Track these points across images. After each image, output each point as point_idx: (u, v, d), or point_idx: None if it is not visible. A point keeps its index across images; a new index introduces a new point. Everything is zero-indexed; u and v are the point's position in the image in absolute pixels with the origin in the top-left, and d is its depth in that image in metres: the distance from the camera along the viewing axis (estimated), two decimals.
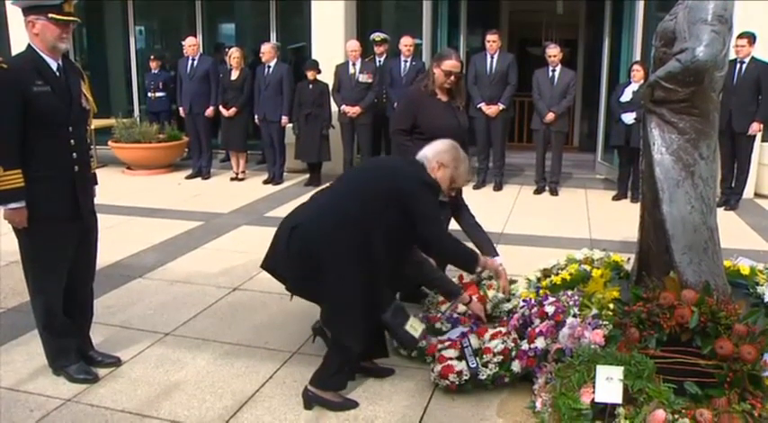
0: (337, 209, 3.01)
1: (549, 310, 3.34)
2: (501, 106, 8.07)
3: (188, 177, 8.96)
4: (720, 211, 5.50)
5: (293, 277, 3.05)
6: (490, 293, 3.93)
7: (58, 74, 3.14)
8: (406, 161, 3.30)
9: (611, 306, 3.20)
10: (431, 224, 3.10)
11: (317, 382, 3.07)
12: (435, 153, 3.21)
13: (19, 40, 8.91)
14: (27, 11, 3.07)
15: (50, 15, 3.03)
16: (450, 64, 4.17)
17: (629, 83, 7.43)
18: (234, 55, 8.59)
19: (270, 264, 3.17)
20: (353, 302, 2.96)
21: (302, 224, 3.00)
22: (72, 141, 3.17)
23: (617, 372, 2.63)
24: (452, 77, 4.19)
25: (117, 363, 3.51)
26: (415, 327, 3.18)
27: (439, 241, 3.20)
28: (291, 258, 2.98)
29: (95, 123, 3.54)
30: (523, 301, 3.65)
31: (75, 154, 3.19)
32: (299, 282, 3.04)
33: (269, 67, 8.43)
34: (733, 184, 7.33)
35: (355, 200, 3.02)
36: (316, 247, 2.92)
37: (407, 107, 4.35)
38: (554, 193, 8.10)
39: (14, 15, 9.29)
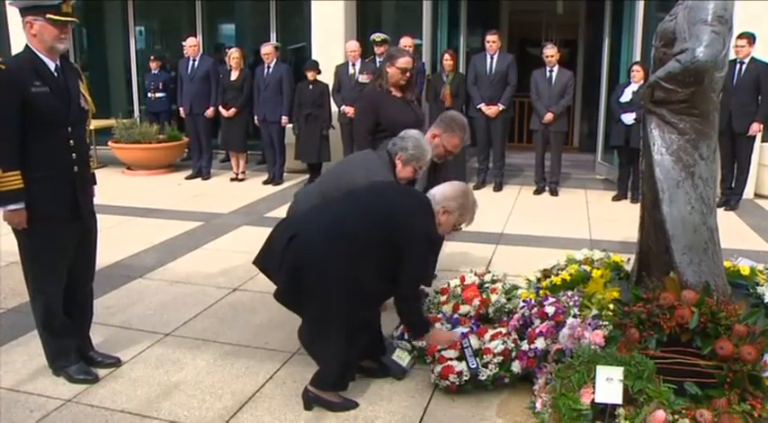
0: (339, 230, 2.96)
1: (549, 310, 3.34)
2: (501, 107, 8.07)
3: (188, 178, 8.96)
4: (720, 212, 5.50)
5: (282, 287, 3.03)
6: (493, 297, 3.93)
7: (56, 74, 3.13)
8: (418, 199, 3.19)
9: (611, 306, 3.19)
10: (411, 280, 3.06)
11: (317, 382, 3.07)
12: (443, 198, 3.16)
13: (19, 41, 8.91)
14: (25, 11, 3.06)
15: (48, 16, 3.03)
16: (404, 61, 4.34)
17: (629, 83, 7.42)
18: (233, 55, 8.60)
19: (262, 262, 3.15)
20: (335, 328, 2.95)
21: (301, 236, 2.96)
22: (71, 141, 3.17)
23: (617, 372, 2.63)
24: (407, 74, 4.36)
25: (117, 363, 3.51)
26: (401, 357, 3.37)
27: (407, 299, 3.11)
28: (284, 267, 2.96)
29: (95, 124, 3.54)
30: (523, 301, 3.65)
31: (74, 154, 3.19)
32: (287, 293, 3.02)
33: (268, 67, 8.43)
34: (733, 185, 7.33)
35: (359, 227, 2.97)
36: (309, 263, 2.90)
37: (368, 108, 4.44)
38: (554, 193, 8.10)
39: (14, 16, 9.29)
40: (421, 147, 3.60)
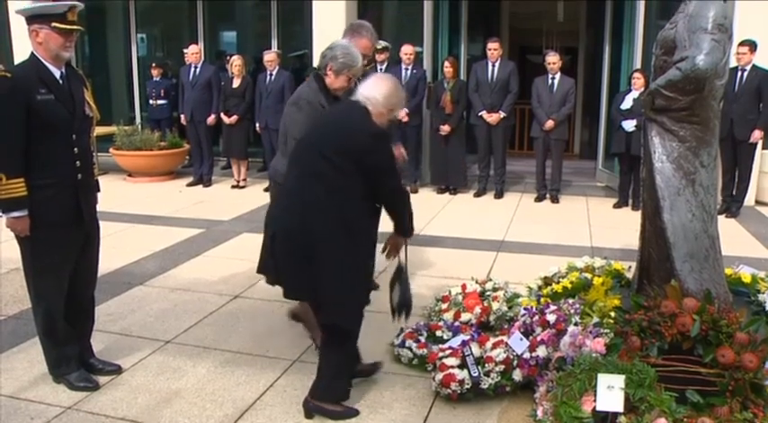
0: (311, 198, 2.89)
1: (551, 318, 3.34)
2: (502, 114, 8.07)
3: (189, 185, 8.97)
4: (721, 219, 5.50)
5: (293, 278, 2.98)
6: (494, 305, 3.92)
7: (61, 82, 3.15)
8: (351, 109, 3.04)
9: (613, 314, 3.20)
10: (389, 176, 2.97)
11: (316, 393, 3.06)
12: (385, 97, 3.01)
13: (21, 49, 8.94)
14: (31, 20, 3.08)
15: (54, 24, 3.05)
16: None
17: (630, 90, 7.44)
18: (235, 62, 8.63)
19: (265, 270, 3.16)
20: (353, 279, 2.93)
21: (285, 228, 2.96)
22: (75, 149, 3.18)
23: (618, 380, 2.62)
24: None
25: (118, 370, 3.51)
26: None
27: (397, 192, 3.04)
28: (283, 259, 2.96)
29: (97, 131, 3.55)
30: (525, 309, 3.65)
31: (78, 161, 3.20)
32: (301, 279, 2.95)
33: (271, 74, 8.45)
34: (734, 192, 7.34)
35: (320, 181, 2.89)
36: (304, 242, 2.88)
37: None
38: (555, 200, 8.10)
39: (17, 24, 9.32)
40: (351, 53, 3.55)
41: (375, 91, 3.01)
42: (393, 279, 3.26)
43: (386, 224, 3.16)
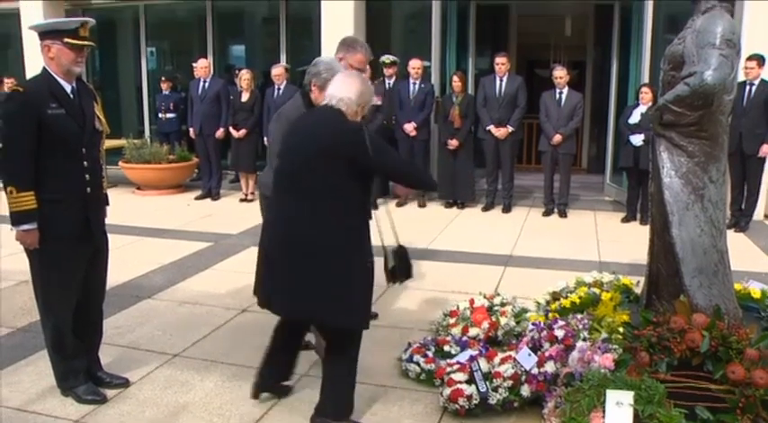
0: (297, 204, 2.93)
1: (559, 333, 3.33)
2: (510, 129, 8.08)
3: (198, 198, 9.00)
4: (730, 234, 5.47)
5: (290, 295, 2.97)
6: (502, 320, 3.91)
7: (72, 96, 3.18)
8: (325, 113, 3.02)
9: (621, 330, 3.18)
10: (382, 157, 2.95)
11: (322, 410, 3.04)
12: (358, 96, 3.00)
13: (33, 64, 9.02)
14: (43, 35, 3.13)
15: (66, 40, 3.09)
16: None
17: (638, 105, 7.43)
18: (244, 77, 8.69)
19: (263, 298, 3.15)
20: (352, 277, 2.93)
21: (278, 240, 3.01)
22: (85, 163, 3.21)
23: (627, 396, 2.61)
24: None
25: (125, 384, 3.51)
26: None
27: (404, 165, 3.17)
28: (284, 272, 2.97)
29: (106, 144, 3.58)
30: (533, 324, 3.63)
31: (88, 175, 3.22)
32: (294, 294, 2.95)
33: (279, 88, 8.50)
34: (743, 206, 7.31)
35: (304, 186, 2.91)
36: (298, 251, 2.91)
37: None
38: (563, 215, 8.08)
39: (29, 38, 9.42)
40: (333, 69, 3.56)
41: (347, 91, 3.02)
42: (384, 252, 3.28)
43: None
